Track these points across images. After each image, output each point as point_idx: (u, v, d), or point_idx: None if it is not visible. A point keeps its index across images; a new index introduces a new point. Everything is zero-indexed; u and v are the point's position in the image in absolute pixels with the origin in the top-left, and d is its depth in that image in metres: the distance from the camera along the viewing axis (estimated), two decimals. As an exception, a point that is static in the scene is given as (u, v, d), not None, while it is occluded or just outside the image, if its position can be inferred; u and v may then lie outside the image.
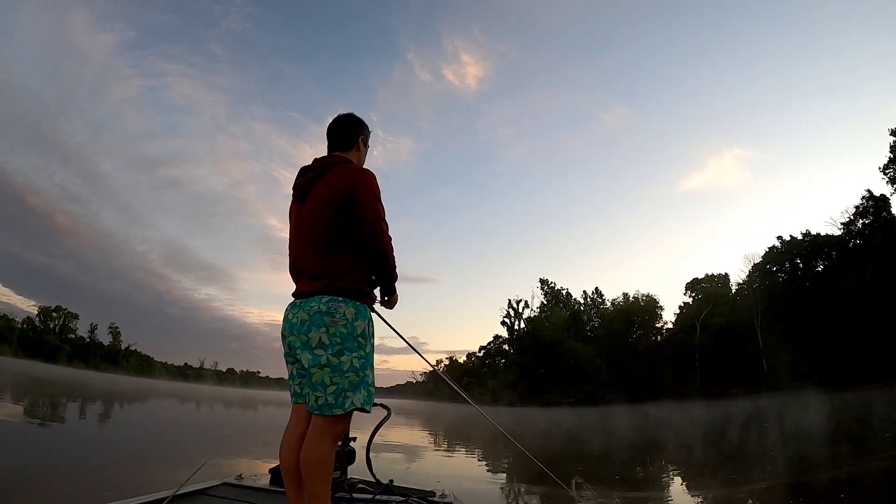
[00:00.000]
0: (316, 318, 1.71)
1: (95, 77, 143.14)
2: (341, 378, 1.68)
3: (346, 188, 1.77)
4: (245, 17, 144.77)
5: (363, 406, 1.72)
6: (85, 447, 7.25)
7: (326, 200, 1.78)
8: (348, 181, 1.79)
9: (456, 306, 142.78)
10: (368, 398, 1.74)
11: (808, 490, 5.98)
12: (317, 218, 1.80)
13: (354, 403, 1.69)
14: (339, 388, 1.68)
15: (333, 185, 1.79)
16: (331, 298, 1.73)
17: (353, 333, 1.73)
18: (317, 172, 1.88)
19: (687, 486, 6.91)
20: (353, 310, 1.75)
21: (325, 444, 1.69)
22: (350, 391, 1.69)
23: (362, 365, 1.73)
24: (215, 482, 2.49)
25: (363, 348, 1.76)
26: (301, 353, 1.73)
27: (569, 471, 6.70)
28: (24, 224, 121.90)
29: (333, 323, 1.70)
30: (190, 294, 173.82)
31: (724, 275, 51.48)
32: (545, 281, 63.12)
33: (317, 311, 1.72)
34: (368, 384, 1.75)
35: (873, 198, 40.72)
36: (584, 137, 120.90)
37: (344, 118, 2.05)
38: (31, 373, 35.70)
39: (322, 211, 1.79)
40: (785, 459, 8.37)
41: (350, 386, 1.69)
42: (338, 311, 1.72)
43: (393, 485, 2.51)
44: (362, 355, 1.75)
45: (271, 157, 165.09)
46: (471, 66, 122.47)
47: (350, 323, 1.73)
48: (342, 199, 1.76)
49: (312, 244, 1.81)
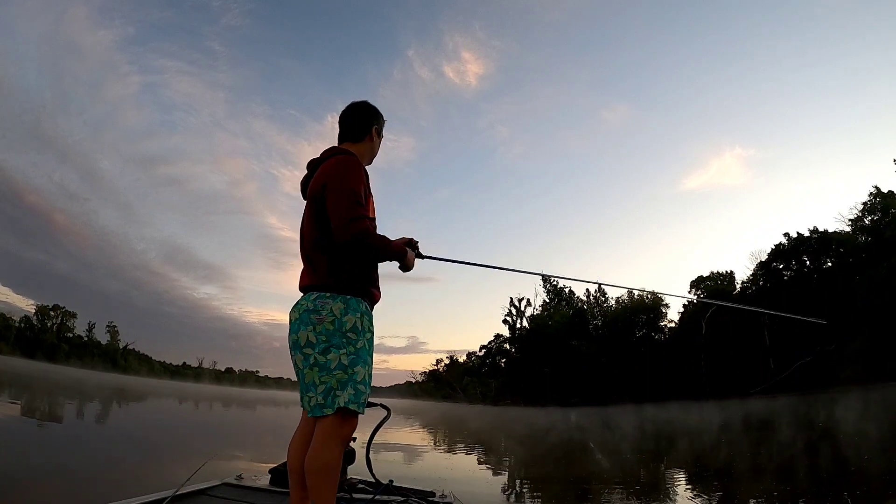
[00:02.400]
0: (304, 317, 1.68)
1: (94, 74, 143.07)
2: (329, 377, 1.62)
3: (323, 181, 1.73)
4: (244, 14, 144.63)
5: (347, 405, 1.59)
6: (83, 447, 7.12)
7: (312, 197, 1.78)
8: (326, 175, 1.74)
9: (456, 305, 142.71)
10: (355, 396, 1.62)
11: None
12: (308, 215, 1.80)
13: (340, 403, 1.60)
14: (328, 387, 1.61)
15: (317, 181, 1.76)
16: (318, 295, 1.69)
17: (340, 329, 1.66)
18: (313, 168, 1.87)
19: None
20: (342, 304, 1.68)
21: (331, 448, 1.61)
22: (339, 390, 1.61)
23: (351, 361, 1.64)
24: (215, 482, 2.46)
25: (353, 344, 1.67)
26: (294, 354, 1.70)
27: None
28: (23, 222, 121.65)
29: (319, 320, 1.65)
30: (189, 293, 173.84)
31: (729, 273, 50.90)
32: (547, 279, 62.45)
33: (305, 310, 1.69)
34: (357, 382, 1.63)
35: (881, 194, 40.30)
36: (585, 136, 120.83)
37: (357, 106, 1.99)
38: (28, 372, 36.07)
39: (310, 207, 1.79)
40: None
41: (338, 384, 1.61)
42: (325, 307, 1.67)
43: (393, 485, 2.48)
44: (351, 351, 1.66)
45: (270, 155, 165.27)
46: (471, 64, 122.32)
47: (338, 319, 1.66)
48: (321, 192, 1.73)
49: (307, 241, 1.80)
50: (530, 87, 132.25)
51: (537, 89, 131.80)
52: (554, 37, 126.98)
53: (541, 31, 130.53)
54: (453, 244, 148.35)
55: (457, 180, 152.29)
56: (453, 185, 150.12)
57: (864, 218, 40.28)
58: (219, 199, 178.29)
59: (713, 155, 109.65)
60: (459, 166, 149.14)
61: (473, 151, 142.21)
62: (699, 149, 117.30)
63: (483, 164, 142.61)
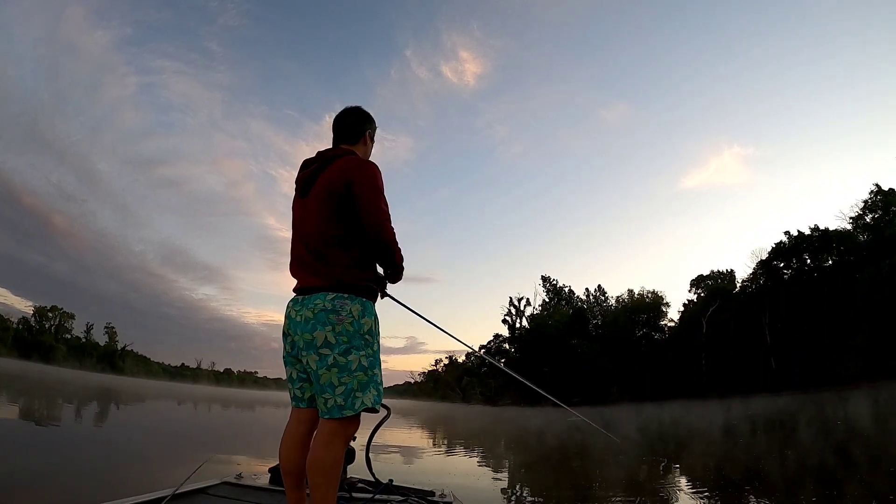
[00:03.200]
0: (321, 317, 1.62)
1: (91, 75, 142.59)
2: (350, 378, 1.60)
3: (347, 180, 1.69)
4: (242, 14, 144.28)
5: (373, 405, 1.64)
6: (82, 447, 7.06)
7: (328, 193, 1.71)
8: (349, 173, 1.71)
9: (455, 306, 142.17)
10: (378, 397, 1.66)
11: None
12: (320, 212, 1.72)
13: (365, 403, 1.61)
14: (348, 388, 1.60)
15: (335, 178, 1.72)
16: (336, 295, 1.64)
17: (360, 331, 1.64)
18: (319, 165, 1.80)
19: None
20: (360, 307, 1.66)
21: (336, 447, 1.62)
22: (359, 391, 1.61)
23: (370, 363, 1.65)
24: (215, 481, 2.46)
25: (370, 346, 1.68)
26: (306, 354, 1.65)
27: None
28: (21, 224, 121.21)
29: (340, 321, 1.62)
30: (187, 294, 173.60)
31: (730, 271, 50.85)
32: (547, 278, 62.28)
33: (322, 309, 1.63)
34: (378, 383, 1.67)
35: (882, 192, 40.26)
36: (583, 135, 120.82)
37: (351, 110, 1.99)
38: (25, 373, 35.87)
39: (325, 204, 1.72)
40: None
41: (359, 385, 1.61)
42: (344, 308, 1.63)
43: (392, 484, 2.49)
44: (370, 353, 1.66)
45: (268, 156, 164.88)
46: (469, 64, 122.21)
47: (357, 320, 1.64)
48: (343, 191, 1.69)
49: (316, 239, 1.72)
50: (528, 87, 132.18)
51: (536, 88, 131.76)
52: (552, 36, 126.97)
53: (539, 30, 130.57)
54: (452, 244, 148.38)
55: (455, 180, 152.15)
56: (452, 185, 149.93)
57: (865, 216, 40.27)
58: (217, 200, 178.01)
59: (712, 153, 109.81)
60: (458, 166, 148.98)
61: (472, 151, 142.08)
62: (698, 147, 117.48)
63: (481, 164, 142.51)
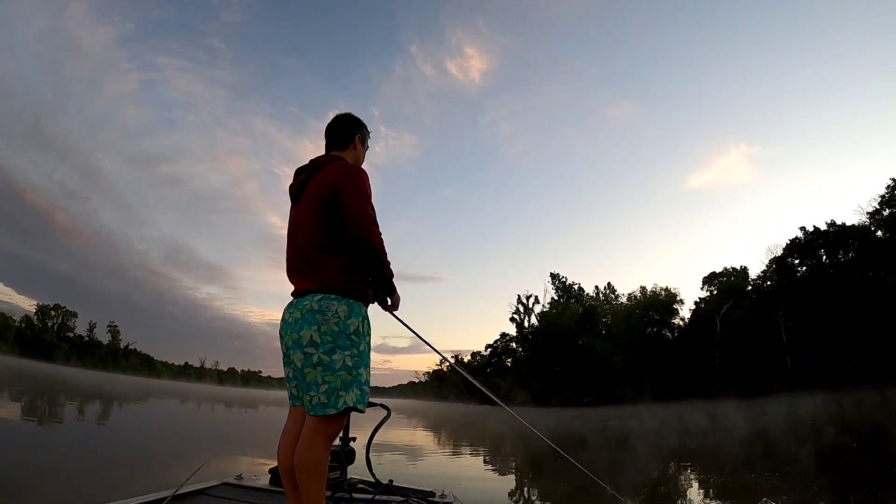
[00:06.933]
0: (308, 317, 1.69)
1: (93, 72, 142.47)
2: (333, 377, 1.65)
3: (333, 186, 1.76)
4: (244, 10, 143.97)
5: (356, 405, 1.67)
6: (83, 447, 7.07)
7: (317, 200, 1.78)
8: (336, 179, 1.77)
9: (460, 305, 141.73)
10: (362, 397, 1.70)
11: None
12: (309, 218, 1.79)
13: (347, 402, 1.65)
14: (332, 386, 1.65)
15: (323, 184, 1.78)
16: (323, 296, 1.71)
17: (345, 331, 1.70)
18: (309, 172, 1.88)
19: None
20: (346, 307, 1.72)
21: (319, 445, 1.65)
22: (343, 390, 1.65)
23: (355, 363, 1.70)
24: (215, 482, 2.47)
25: (356, 346, 1.72)
26: (293, 352, 1.72)
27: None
28: (24, 222, 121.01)
29: (325, 321, 1.68)
30: (190, 293, 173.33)
31: (743, 268, 49.90)
32: (556, 275, 61.26)
33: (309, 310, 1.70)
34: (362, 383, 1.71)
35: (900, 186, 39.31)
36: (588, 133, 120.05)
37: (340, 117, 2.04)
38: (27, 371, 35.57)
39: (314, 211, 1.78)
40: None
41: (343, 385, 1.66)
42: (329, 308, 1.69)
43: (393, 485, 2.49)
44: (355, 353, 1.71)
45: (271, 154, 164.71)
46: (474, 60, 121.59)
47: (342, 321, 1.70)
48: (331, 198, 1.75)
49: (306, 244, 1.79)
50: (534, 84, 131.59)
51: (541, 86, 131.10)
52: (558, 32, 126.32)
53: (544, 27, 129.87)
54: (456, 243, 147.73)
55: (459, 178, 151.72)
56: (456, 184, 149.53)
57: (883, 210, 39.33)
58: (219, 198, 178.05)
59: (718, 153, 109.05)
60: (462, 163, 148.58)
61: (476, 149, 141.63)
62: (704, 147, 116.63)
63: (486, 162, 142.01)
